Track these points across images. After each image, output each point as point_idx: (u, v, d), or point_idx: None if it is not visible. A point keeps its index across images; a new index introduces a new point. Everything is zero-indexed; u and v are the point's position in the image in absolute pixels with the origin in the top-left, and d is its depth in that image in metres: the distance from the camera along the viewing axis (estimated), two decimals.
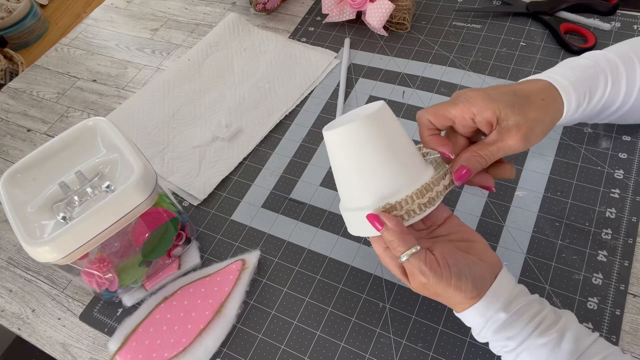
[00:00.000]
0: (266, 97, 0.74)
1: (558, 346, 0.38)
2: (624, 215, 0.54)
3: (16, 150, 0.77)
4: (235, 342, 0.53)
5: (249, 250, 0.59)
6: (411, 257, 0.40)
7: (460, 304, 0.41)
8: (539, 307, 0.40)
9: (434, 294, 0.41)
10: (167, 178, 0.67)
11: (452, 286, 0.39)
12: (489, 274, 0.40)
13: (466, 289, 0.39)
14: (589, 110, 0.48)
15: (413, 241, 0.40)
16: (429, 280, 0.39)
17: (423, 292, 0.42)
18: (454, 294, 0.39)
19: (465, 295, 0.39)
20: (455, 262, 0.40)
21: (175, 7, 0.95)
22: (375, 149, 0.41)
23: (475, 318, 0.40)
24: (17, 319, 0.59)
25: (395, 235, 0.40)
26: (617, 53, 0.49)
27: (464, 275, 0.39)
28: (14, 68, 1.51)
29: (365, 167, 0.42)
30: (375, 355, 0.50)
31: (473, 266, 0.40)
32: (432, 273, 0.39)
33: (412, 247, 0.40)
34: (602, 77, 0.47)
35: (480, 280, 0.40)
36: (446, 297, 0.40)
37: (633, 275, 0.51)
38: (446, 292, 0.39)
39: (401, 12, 0.77)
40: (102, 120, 0.52)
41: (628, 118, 0.53)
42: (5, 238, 0.67)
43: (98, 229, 0.46)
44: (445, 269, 0.39)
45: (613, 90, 0.48)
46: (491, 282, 0.40)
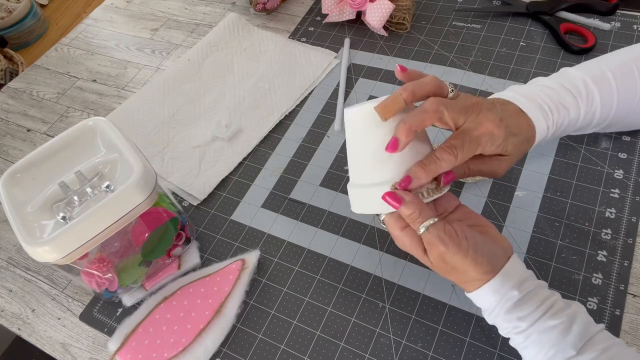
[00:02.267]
0: (266, 97, 0.74)
1: (568, 329, 0.38)
2: (624, 215, 0.54)
3: (16, 150, 0.77)
4: (235, 342, 0.53)
5: (248, 250, 0.59)
6: (431, 227, 0.41)
7: (474, 281, 0.41)
8: (549, 292, 0.41)
9: (450, 268, 0.41)
10: (167, 178, 0.67)
11: (470, 258, 0.40)
12: (503, 254, 0.41)
13: (482, 262, 0.40)
14: (564, 128, 0.49)
15: (431, 213, 0.41)
16: (448, 249, 0.40)
17: (440, 266, 0.42)
18: (469, 268, 0.40)
19: (480, 270, 0.40)
20: (471, 235, 0.41)
21: (175, 7, 0.95)
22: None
23: (489, 296, 0.41)
24: (17, 319, 0.59)
25: (414, 207, 0.41)
26: (587, 72, 0.49)
27: (480, 249, 0.40)
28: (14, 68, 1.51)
29: (382, 144, 0.43)
30: (375, 355, 0.50)
31: (488, 243, 0.41)
32: (451, 242, 0.40)
33: (430, 218, 0.41)
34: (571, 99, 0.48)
35: (495, 257, 0.41)
36: (462, 272, 0.41)
37: (633, 275, 0.51)
38: (462, 265, 0.40)
39: (401, 12, 0.77)
40: (102, 120, 0.52)
41: (611, 127, 0.53)
42: (5, 238, 0.67)
43: (98, 229, 0.46)
44: (463, 240, 0.40)
45: (589, 108, 0.48)
46: (505, 262, 0.41)
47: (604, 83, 0.49)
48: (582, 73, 0.49)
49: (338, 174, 0.64)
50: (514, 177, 0.59)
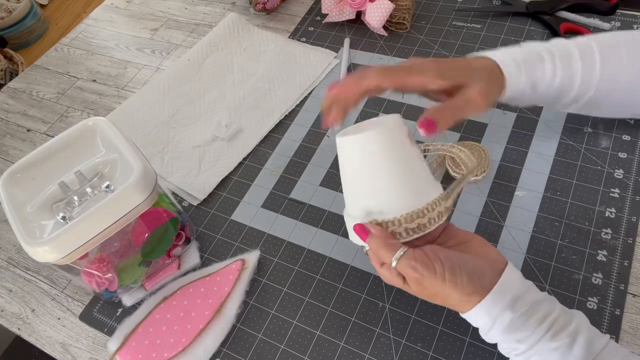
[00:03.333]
0: (266, 97, 0.74)
1: (569, 351, 0.37)
2: (624, 214, 0.54)
3: (16, 150, 0.77)
4: (235, 342, 0.53)
5: (248, 250, 0.59)
6: (401, 259, 0.40)
7: (462, 302, 0.39)
8: (549, 308, 0.39)
9: (432, 294, 0.40)
10: (166, 178, 0.67)
11: (447, 281, 0.38)
12: (489, 269, 0.39)
13: (462, 283, 0.38)
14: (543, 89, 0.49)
15: (398, 244, 0.41)
16: (423, 275, 0.39)
17: (422, 293, 0.41)
18: (450, 291, 0.38)
19: (462, 291, 0.38)
20: (447, 256, 0.40)
21: (175, 7, 0.95)
22: (381, 163, 0.42)
23: (481, 317, 0.39)
24: (17, 319, 0.59)
25: (380, 242, 0.41)
26: (574, 41, 0.51)
27: (458, 268, 0.39)
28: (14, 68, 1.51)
29: (367, 178, 0.43)
30: (375, 355, 0.50)
31: (468, 261, 0.40)
32: (424, 267, 0.39)
33: (398, 249, 0.40)
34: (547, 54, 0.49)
35: (478, 274, 0.39)
36: (444, 296, 0.39)
37: (633, 275, 0.51)
38: (442, 289, 0.39)
39: (401, 12, 0.77)
40: (101, 120, 0.52)
41: (597, 107, 0.53)
42: (5, 238, 0.67)
43: (98, 229, 0.46)
44: (437, 262, 0.39)
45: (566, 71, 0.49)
46: (492, 278, 0.39)
47: (587, 51, 0.49)
48: (568, 40, 0.51)
49: (338, 174, 0.64)
50: (514, 177, 0.59)
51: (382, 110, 0.70)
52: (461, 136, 0.64)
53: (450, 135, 0.65)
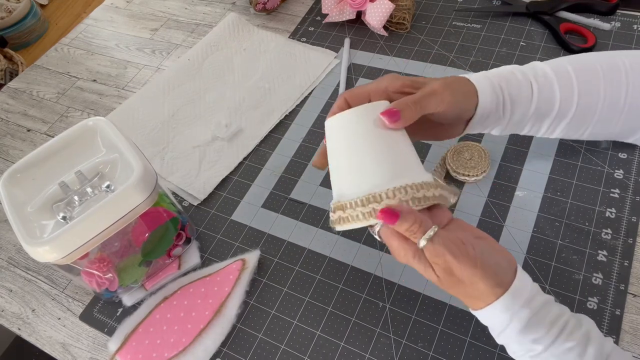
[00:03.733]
0: (266, 97, 0.74)
1: (584, 351, 0.36)
2: (624, 215, 0.54)
3: (16, 150, 0.77)
4: (235, 342, 0.53)
5: (249, 250, 0.59)
6: (434, 237, 0.37)
7: (484, 295, 0.38)
8: (559, 308, 0.38)
9: (456, 281, 0.38)
10: (167, 178, 0.67)
11: (479, 268, 0.37)
12: (508, 266, 0.39)
13: (490, 273, 0.37)
14: (522, 109, 0.47)
15: (430, 222, 0.38)
16: (457, 259, 0.37)
17: (446, 279, 0.38)
18: (478, 279, 0.37)
19: (488, 282, 0.37)
20: (478, 245, 0.38)
21: (175, 7, 0.95)
22: (352, 142, 0.41)
23: (498, 315, 0.38)
24: (17, 319, 0.59)
25: (412, 219, 0.37)
26: (549, 64, 0.49)
27: (487, 259, 0.37)
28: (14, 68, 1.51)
29: (339, 157, 0.42)
30: (375, 355, 0.50)
31: (493, 254, 0.38)
32: (459, 250, 0.37)
33: (430, 229, 0.38)
34: (520, 74, 0.48)
35: (501, 269, 0.38)
36: (469, 284, 0.37)
37: (633, 275, 0.51)
38: (471, 276, 0.37)
39: (401, 12, 0.77)
40: (102, 120, 0.52)
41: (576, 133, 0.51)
42: (5, 238, 0.67)
43: (98, 229, 0.46)
44: (470, 248, 0.37)
45: (544, 93, 0.47)
46: (511, 274, 0.38)
47: (563, 74, 0.48)
48: (543, 64, 0.49)
49: None
50: (514, 177, 0.59)
51: None
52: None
53: None
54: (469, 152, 0.59)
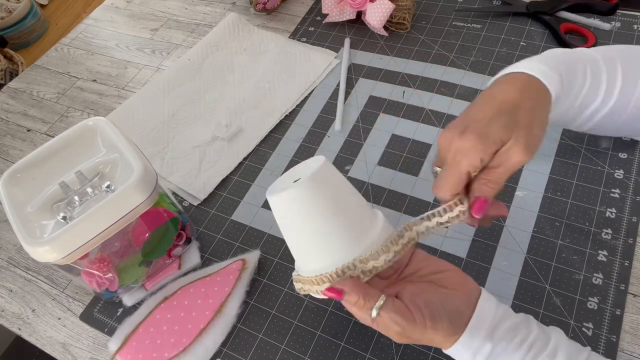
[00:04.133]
0: (266, 97, 0.74)
1: None
2: (624, 215, 0.54)
3: (16, 150, 0.77)
4: (236, 342, 0.53)
5: (249, 250, 0.59)
6: (381, 311, 0.38)
7: (444, 343, 0.39)
8: (526, 330, 0.38)
9: (415, 340, 0.39)
10: (167, 178, 0.67)
11: (429, 328, 0.37)
12: (466, 305, 0.39)
13: (443, 327, 0.37)
14: (570, 100, 0.46)
15: (376, 293, 0.39)
16: (404, 329, 0.37)
17: (404, 340, 0.39)
18: (433, 336, 0.38)
19: (444, 334, 0.37)
20: (426, 302, 0.38)
21: (175, 7, 0.95)
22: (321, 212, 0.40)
23: (462, 353, 0.38)
24: (17, 319, 0.59)
25: (356, 294, 0.38)
26: (596, 50, 0.48)
27: (438, 314, 0.38)
28: (14, 68, 1.51)
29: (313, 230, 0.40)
30: (375, 355, 0.50)
31: (446, 302, 0.39)
32: (404, 321, 0.37)
33: (377, 299, 0.38)
34: (581, 65, 0.46)
35: (457, 314, 0.38)
36: (427, 340, 0.38)
37: (633, 275, 0.51)
38: (424, 336, 0.38)
39: (401, 12, 0.77)
40: (102, 120, 0.52)
41: (608, 124, 0.50)
42: (5, 238, 0.67)
43: (98, 229, 0.46)
44: (417, 312, 0.38)
45: (594, 81, 0.46)
46: (469, 312, 0.38)
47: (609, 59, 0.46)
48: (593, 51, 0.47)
49: None
50: (514, 177, 0.59)
51: (382, 110, 0.70)
52: None
53: None
54: None
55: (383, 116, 0.69)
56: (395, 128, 0.67)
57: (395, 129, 0.67)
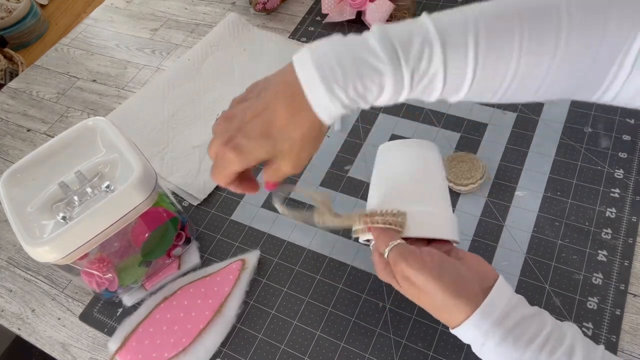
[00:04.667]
0: None
1: None
2: (624, 214, 0.54)
3: (16, 150, 0.77)
4: (235, 342, 0.53)
5: (248, 250, 0.59)
6: (394, 247, 0.40)
7: (447, 306, 0.38)
8: (541, 323, 0.38)
9: (417, 291, 0.39)
10: (166, 178, 0.67)
11: (434, 275, 0.38)
12: (478, 281, 0.39)
13: (448, 281, 0.38)
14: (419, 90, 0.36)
15: (397, 236, 0.41)
16: (411, 266, 0.38)
17: (409, 289, 0.40)
18: (435, 289, 0.38)
19: (446, 291, 0.37)
20: (439, 256, 0.40)
21: (175, 7, 0.95)
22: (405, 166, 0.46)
23: (471, 332, 0.38)
24: (17, 319, 0.59)
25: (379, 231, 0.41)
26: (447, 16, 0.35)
27: (447, 267, 0.39)
28: (14, 68, 1.51)
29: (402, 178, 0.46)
30: (375, 355, 0.50)
31: (459, 266, 0.39)
32: (412, 258, 0.39)
33: (395, 240, 0.41)
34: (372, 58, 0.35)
35: (464, 280, 0.38)
36: (429, 295, 0.39)
37: (633, 275, 0.51)
38: (427, 285, 0.38)
39: (401, 12, 0.77)
40: (101, 120, 0.52)
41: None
42: (5, 238, 0.67)
43: (98, 229, 0.46)
44: (427, 257, 0.39)
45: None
46: (480, 291, 0.38)
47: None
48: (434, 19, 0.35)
49: (338, 174, 0.64)
50: (514, 177, 0.59)
51: (381, 110, 0.69)
52: (461, 136, 0.64)
53: (450, 135, 0.65)
54: (465, 163, 0.59)
55: (383, 116, 0.69)
56: (395, 128, 0.67)
57: (394, 128, 0.67)
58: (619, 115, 0.62)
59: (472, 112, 0.67)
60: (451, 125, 0.66)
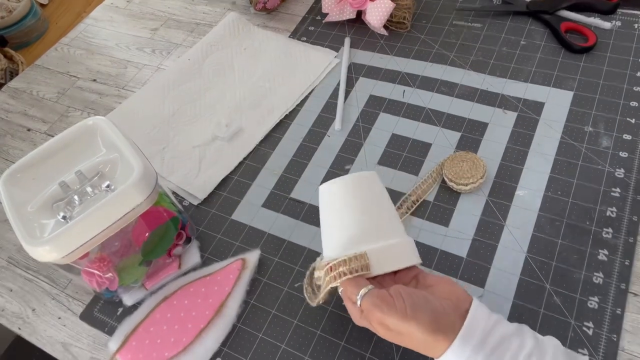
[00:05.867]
0: (266, 96, 0.74)
1: None
2: (625, 214, 0.54)
3: (16, 150, 0.77)
4: (236, 342, 0.53)
5: (249, 249, 0.59)
6: (365, 296, 0.40)
7: (427, 343, 0.38)
8: (520, 341, 0.38)
9: (396, 334, 0.39)
10: (167, 177, 0.67)
11: (409, 317, 0.38)
12: (453, 309, 0.39)
13: (424, 320, 0.38)
14: None
15: (365, 283, 0.41)
16: (384, 313, 0.38)
17: (386, 334, 0.40)
18: (413, 328, 0.38)
19: (425, 329, 0.37)
20: (409, 294, 0.39)
21: (175, 6, 0.95)
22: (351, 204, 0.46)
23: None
24: (17, 319, 0.59)
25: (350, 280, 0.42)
26: None
27: (420, 306, 0.38)
28: (14, 67, 1.51)
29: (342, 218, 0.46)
30: (376, 354, 0.50)
31: (431, 300, 0.39)
32: (385, 305, 0.38)
33: (364, 287, 0.41)
34: None
35: (440, 312, 0.38)
36: (407, 335, 0.39)
37: (634, 274, 0.51)
38: (404, 327, 0.38)
39: (401, 11, 0.77)
40: (102, 120, 0.52)
41: None
42: (5, 237, 0.67)
43: (98, 229, 0.46)
44: (398, 300, 0.39)
45: None
46: (457, 318, 0.39)
47: None
48: None
49: (339, 174, 0.64)
50: (515, 176, 0.59)
51: (382, 110, 0.69)
52: (461, 135, 0.64)
53: (451, 135, 0.65)
54: (466, 163, 0.59)
55: (383, 115, 0.69)
56: (395, 127, 0.67)
57: (395, 128, 0.67)
58: (619, 114, 0.62)
59: (472, 111, 0.67)
60: (452, 125, 0.66)
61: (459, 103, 0.68)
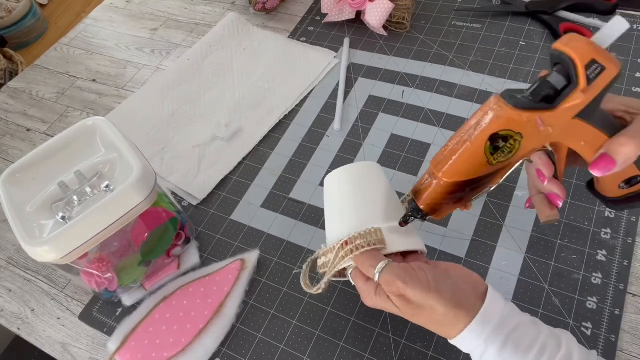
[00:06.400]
0: (266, 96, 0.74)
1: None
2: (624, 214, 0.54)
3: (16, 150, 0.77)
4: (235, 342, 0.53)
5: (248, 250, 0.59)
6: (385, 268, 0.39)
7: (447, 318, 0.38)
8: (535, 331, 0.37)
9: (416, 308, 0.39)
10: (166, 178, 0.67)
11: (433, 289, 0.37)
12: (472, 290, 0.39)
13: (446, 292, 0.37)
14: None
15: (382, 257, 0.41)
16: (407, 284, 0.38)
17: (406, 308, 0.39)
18: (435, 302, 0.37)
19: (447, 303, 0.37)
20: (430, 269, 0.39)
21: (175, 6, 0.95)
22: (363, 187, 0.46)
23: (472, 341, 0.38)
24: (16, 319, 0.59)
25: (362, 256, 0.41)
26: None
27: (442, 280, 0.38)
28: (14, 68, 1.51)
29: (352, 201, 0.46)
30: (375, 354, 0.50)
31: (451, 276, 0.39)
32: (408, 276, 0.38)
33: (381, 261, 0.40)
34: None
35: (461, 289, 0.38)
36: (429, 309, 0.38)
37: (632, 274, 0.51)
38: (426, 299, 0.37)
39: (401, 12, 0.77)
40: (101, 120, 0.52)
41: None
42: (4, 238, 0.67)
43: (97, 229, 0.46)
44: (421, 272, 0.39)
45: None
46: (476, 299, 0.38)
47: None
48: None
49: None
50: (514, 177, 0.59)
51: (381, 110, 0.69)
52: None
53: (449, 135, 0.65)
54: None
55: (382, 116, 0.69)
56: (395, 128, 0.67)
57: (394, 128, 0.67)
58: None
59: (471, 112, 0.67)
60: (451, 125, 0.66)
61: (458, 103, 0.68)
